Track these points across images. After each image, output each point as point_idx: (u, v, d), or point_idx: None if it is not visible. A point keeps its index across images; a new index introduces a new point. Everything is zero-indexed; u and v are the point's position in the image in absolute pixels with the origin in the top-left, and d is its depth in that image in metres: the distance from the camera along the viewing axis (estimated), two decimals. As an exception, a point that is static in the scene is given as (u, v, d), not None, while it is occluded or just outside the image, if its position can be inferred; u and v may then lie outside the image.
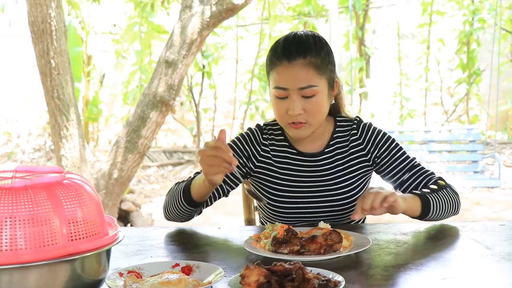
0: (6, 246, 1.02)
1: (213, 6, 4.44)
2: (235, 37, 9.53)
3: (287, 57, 1.70)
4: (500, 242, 1.54)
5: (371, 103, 9.91)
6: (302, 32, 1.77)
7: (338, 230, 1.45)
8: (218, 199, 1.85)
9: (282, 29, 9.17)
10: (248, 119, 9.68)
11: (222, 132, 1.56)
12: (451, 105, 9.92)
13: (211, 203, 1.85)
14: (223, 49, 9.45)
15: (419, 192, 1.74)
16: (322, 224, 1.52)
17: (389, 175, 1.87)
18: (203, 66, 9.06)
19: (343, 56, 9.65)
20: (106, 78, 9.68)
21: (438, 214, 1.74)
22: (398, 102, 9.78)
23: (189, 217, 1.82)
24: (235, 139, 1.90)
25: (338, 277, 1.17)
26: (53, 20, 4.27)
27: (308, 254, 1.40)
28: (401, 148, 1.88)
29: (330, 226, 1.52)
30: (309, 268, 1.17)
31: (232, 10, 4.50)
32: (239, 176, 1.69)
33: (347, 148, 1.87)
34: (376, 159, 1.87)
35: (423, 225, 1.76)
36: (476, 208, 6.38)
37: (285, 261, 1.21)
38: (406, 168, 1.85)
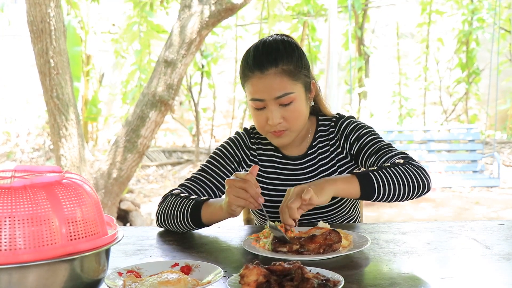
0: (5, 245, 1.02)
1: (212, 5, 4.44)
2: (234, 36, 9.53)
3: (259, 67, 1.67)
4: (499, 242, 1.54)
5: (370, 102, 9.91)
6: (272, 38, 1.73)
7: (338, 230, 1.45)
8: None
9: (281, 29, 9.18)
10: (247, 119, 9.68)
11: (255, 167, 1.55)
12: (450, 104, 9.93)
13: None
14: (222, 48, 9.45)
15: (359, 171, 1.60)
16: (321, 224, 1.53)
17: (362, 163, 1.79)
18: (202, 66, 9.06)
19: (342, 55, 9.65)
20: (105, 78, 9.68)
21: (391, 193, 1.58)
22: (397, 102, 9.78)
23: (183, 232, 1.76)
24: (225, 144, 1.89)
25: (338, 277, 1.17)
26: (52, 20, 4.27)
27: (308, 253, 1.40)
28: (372, 134, 1.79)
29: (329, 225, 1.52)
30: (308, 268, 1.17)
31: (231, 10, 4.50)
32: (266, 214, 1.61)
33: (329, 147, 1.84)
34: (350, 151, 1.81)
35: (422, 225, 1.76)
36: (476, 207, 6.38)
37: (285, 260, 1.21)
38: (373, 151, 1.74)
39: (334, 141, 1.85)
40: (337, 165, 1.83)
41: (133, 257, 1.47)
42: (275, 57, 1.67)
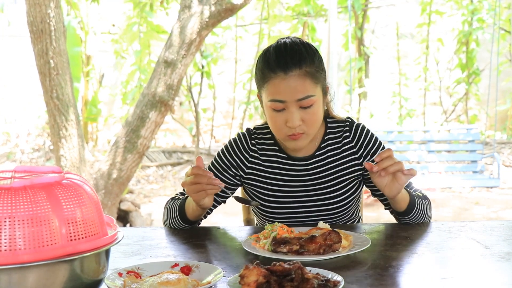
0: (5, 246, 1.02)
1: (212, 6, 4.44)
2: (234, 37, 9.54)
3: (282, 68, 1.65)
4: (499, 242, 1.54)
5: (370, 103, 9.91)
6: (291, 40, 1.72)
7: (337, 230, 1.45)
8: (218, 206, 1.88)
9: (281, 29, 9.17)
10: (247, 119, 9.68)
11: (199, 158, 1.63)
12: (450, 105, 9.93)
13: (211, 212, 1.86)
14: (222, 49, 9.45)
15: (409, 191, 1.76)
16: (321, 224, 1.53)
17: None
18: (202, 66, 9.06)
19: (342, 56, 9.65)
20: (105, 78, 9.68)
21: (415, 217, 1.77)
22: (397, 102, 9.78)
23: (192, 227, 1.83)
24: (223, 149, 1.89)
25: (338, 277, 1.17)
26: (52, 20, 4.27)
27: (308, 254, 1.40)
28: None
29: (329, 226, 1.52)
30: (308, 268, 1.17)
31: (231, 10, 4.50)
32: (227, 191, 1.75)
33: (340, 150, 1.84)
34: (364, 172, 1.84)
35: (422, 225, 1.76)
36: (475, 208, 6.38)
37: (285, 261, 1.21)
38: None
39: (348, 146, 1.84)
40: (348, 170, 1.83)
41: (133, 257, 1.47)
42: (299, 59, 1.66)
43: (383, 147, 1.85)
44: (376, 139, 1.87)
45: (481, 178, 6.14)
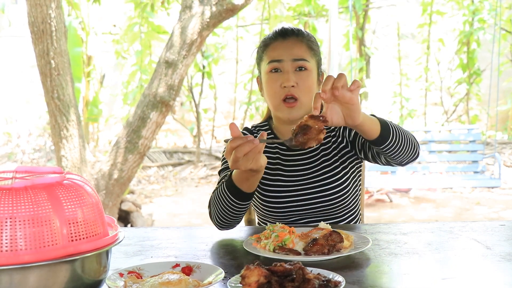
0: (6, 246, 1.02)
1: (213, 6, 4.44)
2: (235, 37, 9.55)
3: (281, 35, 1.83)
4: (500, 242, 1.54)
5: (371, 103, 9.92)
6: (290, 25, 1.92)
7: (338, 231, 1.45)
8: None
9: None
10: (248, 119, 9.68)
11: (232, 125, 1.50)
12: (451, 105, 9.93)
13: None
14: (223, 49, 9.47)
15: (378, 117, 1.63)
16: (322, 225, 1.52)
17: (360, 145, 1.81)
18: (203, 67, 9.07)
19: (343, 56, 9.66)
20: (106, 79, 9.69)
21: (397, 143, 1.61)
22: (398, 102, 9.79)
23: (241, 216, 1.73)
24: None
25: (338, 277, 1.17)
26: (53, 21, 4.27)
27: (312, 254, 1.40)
28: None
29: (330, 227, 1.52)
30: (309, 268, 1.17)
31: (232, 11, 4.50)
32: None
33: (330, 137, 1.89)
34: (349, 138, 1.86)
35: (423, 225, 1.76)
36: (476, 208, 6.38)
37: (286, 261, 1.21)
38: None
39: (334, 132, 1.90)
40: (339, 154, 1.87)
41: (134, 258, 1.47)
42: (298, 31, 1.85)
43: None
44: None
45: (482, 179, 6.13)
